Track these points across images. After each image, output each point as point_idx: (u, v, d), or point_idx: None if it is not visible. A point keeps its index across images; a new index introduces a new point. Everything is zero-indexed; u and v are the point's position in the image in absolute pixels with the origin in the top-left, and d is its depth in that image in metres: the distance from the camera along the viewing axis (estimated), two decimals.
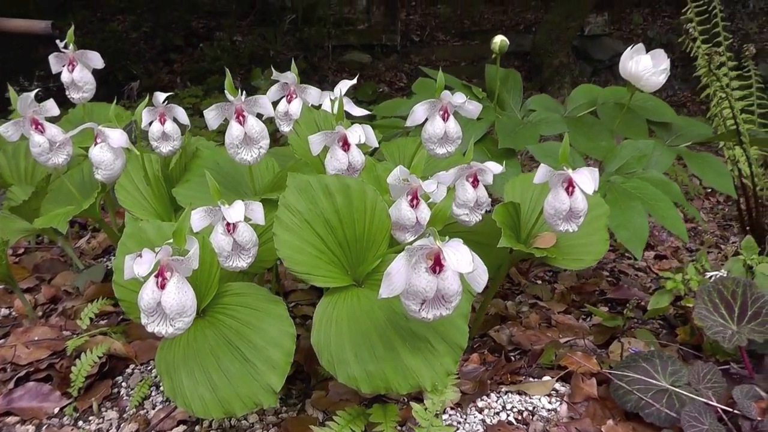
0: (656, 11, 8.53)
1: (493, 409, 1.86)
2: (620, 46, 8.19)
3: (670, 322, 2.48)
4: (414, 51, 8.81)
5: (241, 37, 8.00)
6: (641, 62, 2.44)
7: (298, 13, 8.15)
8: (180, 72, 7.29)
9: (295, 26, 8.16)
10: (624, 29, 8.29)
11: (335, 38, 8.26)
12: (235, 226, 1.62)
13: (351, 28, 8.53)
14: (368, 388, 1.51)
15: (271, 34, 7.89)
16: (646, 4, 8.58)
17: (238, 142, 1.77)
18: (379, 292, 1.33)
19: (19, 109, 1.92)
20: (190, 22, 7.80)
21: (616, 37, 8.17)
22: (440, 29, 9.17)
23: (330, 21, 8.26)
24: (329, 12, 8.26)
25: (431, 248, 1.31)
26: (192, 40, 7.73)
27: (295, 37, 8.13)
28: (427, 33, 9.08)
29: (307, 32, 8.13)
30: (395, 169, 1.65)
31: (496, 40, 2.74)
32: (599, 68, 8.17)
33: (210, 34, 7.95)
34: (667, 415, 1.71)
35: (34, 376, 2.03)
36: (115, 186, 2.02)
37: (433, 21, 9.30)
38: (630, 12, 8.44)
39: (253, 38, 7.88)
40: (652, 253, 3.40)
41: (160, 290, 1.39)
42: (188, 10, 7.78)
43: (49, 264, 2.77)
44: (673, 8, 8.33)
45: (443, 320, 1.55)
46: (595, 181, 1.66)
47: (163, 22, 7.42)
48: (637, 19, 8.25)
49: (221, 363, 1.58)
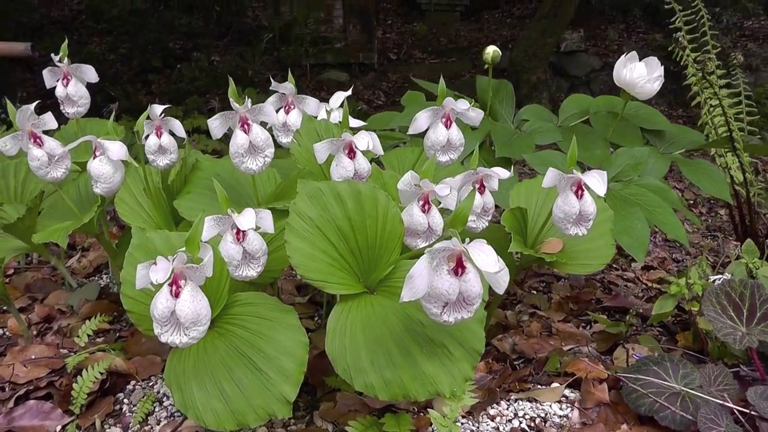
0: (631, 27, 8.66)
1: (505, 416, 1.84)
2: (596, 62, 8.32)
3: (669, 329, 2.49)
4: (391, 69, 8.86)
5: (218, 57, 7.98)
6: (636, 70, 2.46)
7: (275, 32, 8.15)
8: (158, 93, 7.24)
9: (273, 45, 8.16)
10: (599, 45, 8.40)
11: (312, 57, 8.27)
12: (245, 234, 1.59)
13: (328, 47, 8.54)
14: (386, 396, 1.48)
15: (249, 54, 7.89)
16: (621, 21, 8.71)
17: (243, 151, 1.75)
18: (401, 295, 1.31)
19: (17, 122, 1.88)
20: (167, 43, 7.76)
21: (592, 53, 8.27)
22: (417, 47, 9.23)
23: (307, 40, 8.26)
24: (306, 31, 8.27)
25: (454, 250, 1.30)
26: (169, 61, 7.69)
27: (273, 56, 8.14)
28: (404, 51, 9.13)
29: (284, 51, 8.14)
30: (406, 174, 1.64)
31: (489, 50, 2.76)
32: (576, 84, 8.27)
33: (187, 54, 7.92)
34: (682, 417, 1.70)
35: (34, 394, 1.97)
36: (115, 199, 1.99)
37: (409, 39, 9.36)
38: (605, 29, 8.57)
39: (231, 58, 7.87)
40: (639, 264, 3.41)
41: (174, 299, 1.36)
42: (165, 31, 7.76)
43: (41, 284, 2.71)
44: (648, 25, 8.48)
45: (460, 325, 1.53)
46: (605, 183, 1.66)
47: (140, 44, 7.37)
48: (613, 35, 8.37)
49: (233, 374, 1.54)
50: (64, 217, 2.13)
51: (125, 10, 7.19)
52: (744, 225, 2.89)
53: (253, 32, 8.28)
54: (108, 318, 2.26)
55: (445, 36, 9.31)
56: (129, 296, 1.57)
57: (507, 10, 9.90)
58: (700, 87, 2.83)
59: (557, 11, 7.72)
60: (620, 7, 8.74)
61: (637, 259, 2.16)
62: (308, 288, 2.69)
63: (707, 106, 2.87)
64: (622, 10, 8.72)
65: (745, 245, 2.24)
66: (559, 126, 2.82)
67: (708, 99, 2.86)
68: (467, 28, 9.55)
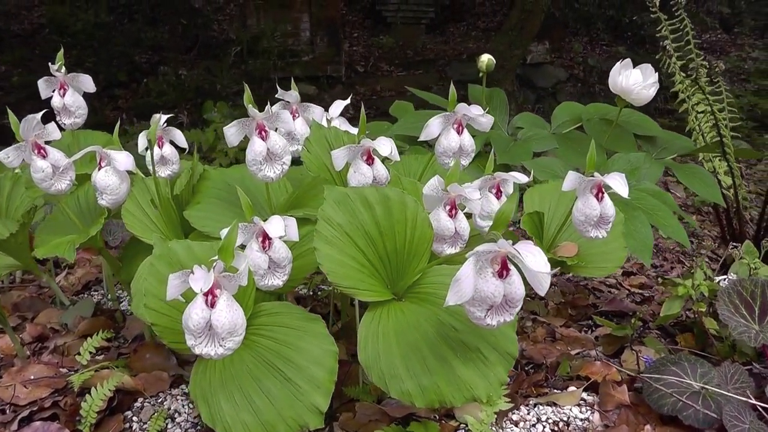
0: (594, 40, 8.84)
1: (528, 421, 1.84)
2: (562, 74, 8.45)
3: (668, 331, 2.51)
4: (359, 82, 8.87)
5: (186, 71, 7.89)
6: (632, 77, 2.49)
7: (242, 45, 8.10)
8: (126, 108, 7.13)
9: (241, 58, 8.10)
10: (564, 57, 8.54)
11: (280, 70, 8.23)
12: (271, 242, 1.56)
13: (296, 60, 8.51)
14: (423, 403, 1.47)
15: (216, 68, 7.81)
16: (584, 34, 8.87)
17: (261, 159, 1.72)
18: (446, 299, 1.29)
19: (21, 132, 1.82)
20: (132, 57, 7.65)
21: (557, 65, 8.41)
22: (384, 60, 9.26)
23: (275, 53, 8.23)
24: (274, 44, 8.23)
25: (499, 252, 1.29)
26: (136, 75, 7.58)
27: (241, 69, 8.07)
28: (371, 63, 9.16)
29: (252, 65, 8.09)
30: (433, 179, 1.63)
31: (483, 58, 2.78)
32: (542, 95, 8.39)
33: (154, 68, 7.82)
34: (705, 415, 1.71)
35: (38, 415, 1.90)
36: (122, 211, 1.93)
37: (376, 52, 9.39)
38: (569, 41, 8.71)
39: (199, 72, 7.79)
40: (620, 270, 3.45)
41: (210, 309, 1.32)
42: (130, 44, 7.64)
43: (29, 302, 2.62)
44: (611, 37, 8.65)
45: (493, 329, 1.52)
46: (626, 184, 1.67)
47: (104, 58, 7.25)
48: (578, 47, 8.52)
49: (262, 385, 1.51)
50: (65, 231, 2.07)
51: (89, 23, 7.05)
52: (731, 228, 2.95)
53: (220, 45, 8.21)
54: (110, 334, 2.19)
55: (411, 48, 9.37)
56: (152, 309, 1.53)
57: (472, 23, 10.01)
58: (687, 94, 2.89)
59: (524, 24, 7.83)
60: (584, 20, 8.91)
61: (644, 262, 2.18)
62: (307, 300, 2.65)
63: (694, 112, 2.93)
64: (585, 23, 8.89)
65: (745, 246, 2.28)
66: (552, 133, 2.84)
67: (695, 105, 2.91)
68: (433, 41, 9.63)
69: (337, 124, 2.31)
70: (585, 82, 8.31)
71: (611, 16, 8.75)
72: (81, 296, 2.76)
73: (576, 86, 8.25)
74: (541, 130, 2.81)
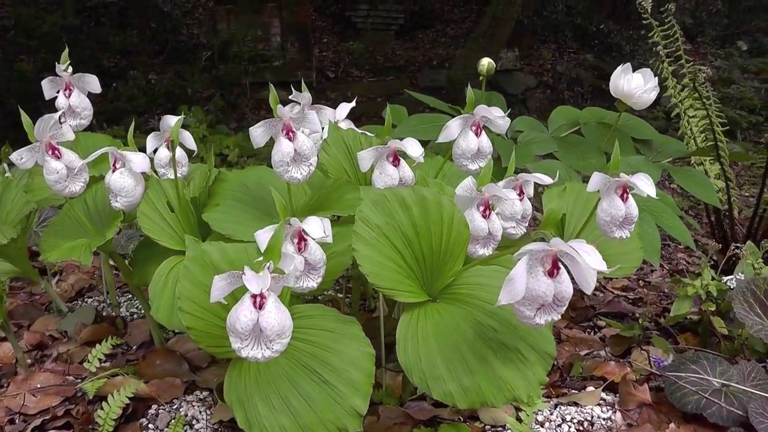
0: (562, 47, 8.96)
1: (554, 421, 1.84)
2: (531, 81, 8.56)
3: (668, 331, 2.55)
4: (329, 87, 8.86)
5: (155, 75, 7.78)
6: (633, 80, 2.52)
7: (213, 50, 8.02)
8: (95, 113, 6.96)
9: (212, 63, 8.03)
10: (533, 64, 8.65)
11: (251, 75, 8.18)
12: (307, 244, 1.54)
13: (266, 65, 8.47)
14: (465, 404, 1.46)
15: (187, 72, 7.73)
16: (552, 41, 9.00)
17: (288, 159, 1.69)
18: (498, 299, 1.29)
19: (36, 132, 1.77)
20: (101, 61, 7.52)
21: (526, 72, 8.51)
22: (354, 65, 9.27)
23: (245, 58, 8.17)
24: (245, 48, 8.17)
25: (550, 251, 1.29)
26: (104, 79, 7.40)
27: (212, 74, 8.00)
28: (342, 69, 9.16)
29: (223, 69, 8.02)
30: (466, 179, 1.63)
31: (484, 62, 2.77)
32: (512, 102, 8.47)
33: (123, 73, 7.69)
34: (729, 412, 1.74)
35: (51, 424, 1.84)
36: (138, 214, 1.89)
37: (346, 57, 9.39)
38: (538, 48, 8.83)
39: (169, 77, 7.69)
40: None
41: (258, 310, 1.29)
42: (98, 48, 7.50)
43: (23, 310, 2.55)
44: (578, 45, 8.79)
45: (531, 329, 1.53)
46: (653, 184, 1.69)
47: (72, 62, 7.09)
48: (546, 55, 8.63)
49: (300, 388, 1.49)
50: (74, 235, 2.01)
51: (57, 25, 6.90)
52: (722, 229, 3.01)
53: (190, 50, 8.12)
54: (118, 340, 2.14)
55: (381, 54, 9.40)
56: (187, 312, 1.49)
57: (441, 29, 10.08)
58: (680, 99, 2.94)
59: (494, 31, 7.93)
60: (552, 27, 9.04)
61: (653, 264, 2.21)
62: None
63: (686, 116, 2.98)
64: (553, 31, 9.02)
65: (748, 247, 2.33)
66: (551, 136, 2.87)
67: (686, 110, 2.97)
68: (403, 47, 9.67)
69: (343, 126, 2.30)
70: (554, 88, 8.43)
71: (579, 24, 8.90)
72: (75, 303, 2.69)
73: (545, 92, 8.37)
74: (540, 133, 2.84)
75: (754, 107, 7.00)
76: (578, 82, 8.05)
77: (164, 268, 1.81)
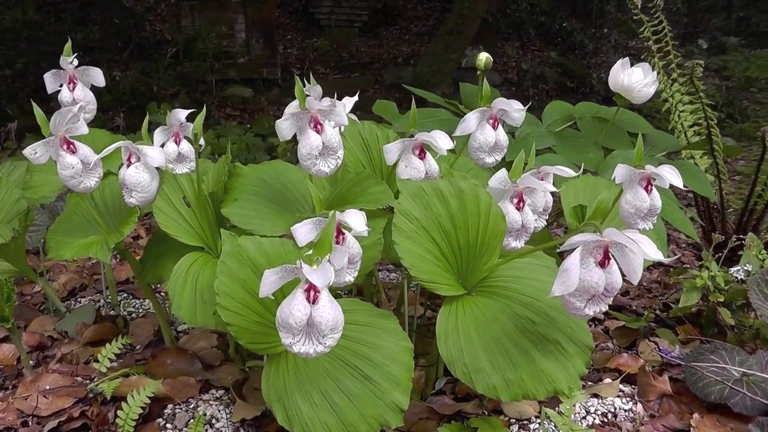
0: (526, 45, 9.05)
1: (578, 413, 1.85)
2: (496, 78, 8.62)
3: (666, 323, 2.59)
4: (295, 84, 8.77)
5: (120, 72, 7.61)
6: (633, 75, 2.55)
7: (178, 46, 7.88)
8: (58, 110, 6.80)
9: (177, 60, 7.88)
10: (498, 62, 8.71)
11: (217, 72, 8.07)
12: (344, 237, 1.52)
13: (231, 62, 8.36)
14: (508, 397, 1.46)
15: (152, 69, 7.57)
16: (516, 39, 9.08)
17: (317, 153, 1.66)
18: (552, 289, 1.29)
19: (52, 126, 1.70)
20: None
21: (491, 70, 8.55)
22: (319, 62, 9.21)
23: (210, 55, 8.04)
24: (210, 45, 8.04)
25: (603, 241, 1.30)
26: None
27: (177, 71, 7.86)
28: (307, 66, 9.09)
29: (188, 66, 7.88)
30: (500, 171, 1.62)
31: (481, 57, 2.77)
32: None
33: None
34: (753, 401, 1.77)
35: (67, 425, 1.78)
36: (153, 209, 1.83)
37: (311, 54, 9.33)
38: (502, 46, 8.90)
39: (134, 74, 7.52)
40: None
41: (311, 305, 1.27)
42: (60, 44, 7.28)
43: (18, 310, 2.46)
44: (542, 43, 8.89)
45: (569, 321, 1.53)
46: (680, 176, 1.70)
47: (33, 58, 6.89)
48: (511, 52, 8.71)
49: (341, 384, 1.47)
50: (83, 232, 1.95)
51: (17, 21, 6.70)
52: (713, 224, 3.06)
53: (154, 46, 7.97)
54: (129, 340, 2.08)
55: (346, 51, 9.36)
56: (227, 308, 1.45)
57: (405, 26, 10.09)
58: (671, 93, 2.99)
59: (461, 28, 7.96)
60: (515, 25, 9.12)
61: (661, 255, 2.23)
62: None
63: (677, 111, 3.03)
64: (517, 29, 9.10)
65: (749, 237, 2.37)
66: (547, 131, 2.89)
67: (677, 105, 3.01)
68: (367, 44, 9.64)
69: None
70: (519, 86, 8.51)
71: (542, 23, 9.00)
72: (68, 303, 2.62)
73: (510, 90, 8.44)
74: (537, 128, 2.85)
75: (716, 104, 7.18)
76: (543, 79, 8.14)
77: (183, 265, 1.76)
